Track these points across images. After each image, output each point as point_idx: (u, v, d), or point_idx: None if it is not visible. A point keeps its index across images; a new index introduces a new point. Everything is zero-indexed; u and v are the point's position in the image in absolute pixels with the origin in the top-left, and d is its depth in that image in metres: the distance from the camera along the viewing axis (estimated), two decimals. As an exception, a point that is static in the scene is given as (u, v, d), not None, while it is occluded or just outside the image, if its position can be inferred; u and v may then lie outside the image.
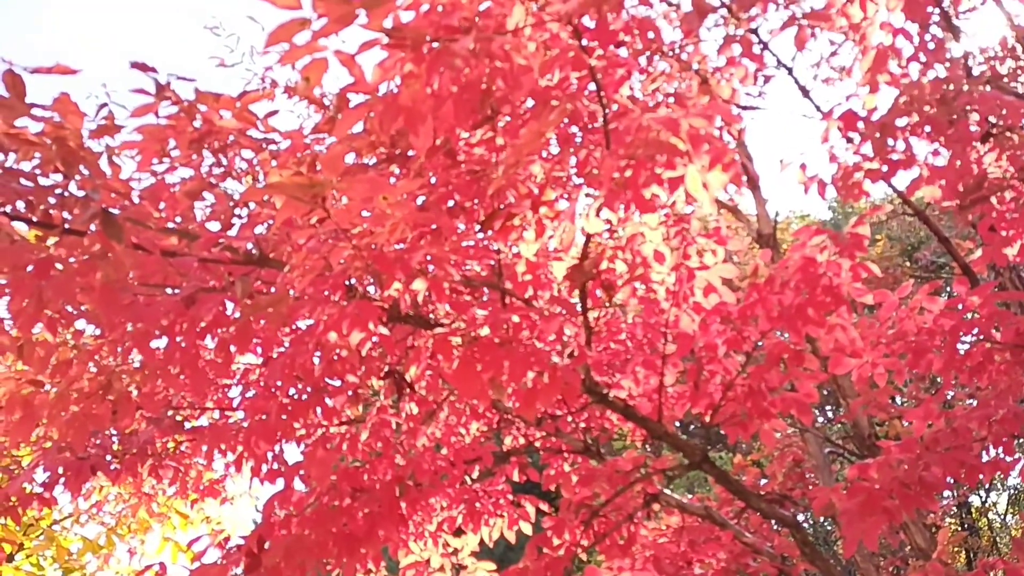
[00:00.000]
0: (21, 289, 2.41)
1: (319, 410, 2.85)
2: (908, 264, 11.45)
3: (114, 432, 3.93)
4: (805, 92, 4.20)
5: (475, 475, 4.60)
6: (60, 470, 3.57)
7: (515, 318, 2.50)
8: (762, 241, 5.55)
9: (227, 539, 3.39)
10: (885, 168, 2.94)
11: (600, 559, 3.86)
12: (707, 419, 3.48)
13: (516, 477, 4.59)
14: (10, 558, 7.73)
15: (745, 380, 3.38)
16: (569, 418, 4.44)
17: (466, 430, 4.09)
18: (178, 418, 3.98)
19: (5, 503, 3.64)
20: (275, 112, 3.42)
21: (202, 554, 3.07)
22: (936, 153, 3.28)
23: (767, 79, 4.47)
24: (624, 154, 1.93)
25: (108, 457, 3.79)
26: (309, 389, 2.70)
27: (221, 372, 3.18)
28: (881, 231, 13.35)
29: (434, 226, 2.36)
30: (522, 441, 4.62)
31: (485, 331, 2.43)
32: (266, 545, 2.86)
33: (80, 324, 3.23)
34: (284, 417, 2.62)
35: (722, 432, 3.64)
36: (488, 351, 2.35)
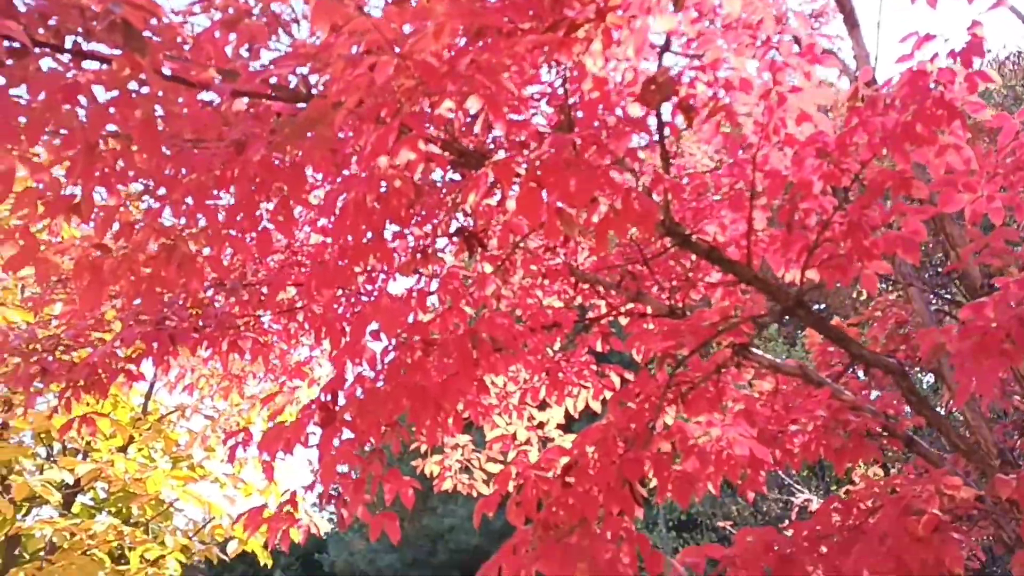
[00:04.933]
0: (72, 140, 2.33)
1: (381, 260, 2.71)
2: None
3: (194, 308, 3.95)
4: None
5: (556, 346, 4.46)
6: (139, 343, 3.60)
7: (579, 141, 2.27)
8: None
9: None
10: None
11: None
12: (801, 265, 3.21)
13: (599, 347, 4.44)
14: (123, 449, 8.18)
15: (844, 217, 3.08)
16: (654, 287, 4.21)
17: (543, 291, 3.93)
18: (259, 296, 3.95)
19: (93, 377, 3.70)
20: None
21: (279, 411, 3.04)
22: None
23: None
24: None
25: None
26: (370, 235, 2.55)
27: (285, 231, 3.08)
28: (990, 99, 12.32)
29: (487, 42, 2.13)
30: (604, 309, 4.44)
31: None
32: (340, 398, 2.79)
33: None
34: (344, 263, 2.49)
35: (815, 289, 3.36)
36: (552, 172, 2.14)
